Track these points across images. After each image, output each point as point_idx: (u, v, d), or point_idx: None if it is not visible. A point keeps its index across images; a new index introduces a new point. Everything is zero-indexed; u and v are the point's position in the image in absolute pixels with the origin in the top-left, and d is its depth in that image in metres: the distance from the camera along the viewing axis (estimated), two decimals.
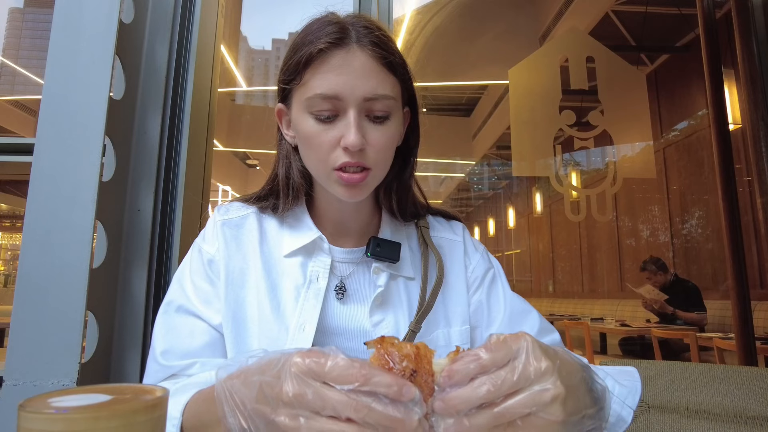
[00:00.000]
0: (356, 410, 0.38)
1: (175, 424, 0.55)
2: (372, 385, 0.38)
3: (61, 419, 0.34)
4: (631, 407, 0.61)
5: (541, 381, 0.40)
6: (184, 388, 0.61)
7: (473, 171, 10.63)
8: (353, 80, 0.64)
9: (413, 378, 0.41)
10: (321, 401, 0.38)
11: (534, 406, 0.40)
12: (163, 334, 0.70)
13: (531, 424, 0.40)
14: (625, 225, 6.37)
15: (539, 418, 0.40)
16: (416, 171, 0.80)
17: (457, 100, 8.33)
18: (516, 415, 0.40)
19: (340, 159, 0.65)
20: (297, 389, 0.39)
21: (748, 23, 2.04)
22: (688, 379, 1.02)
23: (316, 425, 0.38)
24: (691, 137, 5.25)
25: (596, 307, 6.25)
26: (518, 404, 0.40)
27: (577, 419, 0.44)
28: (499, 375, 0.40)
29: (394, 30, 2.90)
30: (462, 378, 0.40)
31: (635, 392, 0.63)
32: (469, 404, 0.39)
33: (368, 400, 0.38)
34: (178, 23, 1.23)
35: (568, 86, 2.84)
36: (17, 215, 13.15)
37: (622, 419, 0.60)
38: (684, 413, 0.99)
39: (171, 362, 0.68)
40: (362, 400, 0.38)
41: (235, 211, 0.77)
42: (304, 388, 0.39)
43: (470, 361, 0.41)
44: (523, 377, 0.40)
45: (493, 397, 0.39)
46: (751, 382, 0.98)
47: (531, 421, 0.40)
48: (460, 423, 0.39)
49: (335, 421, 0.38)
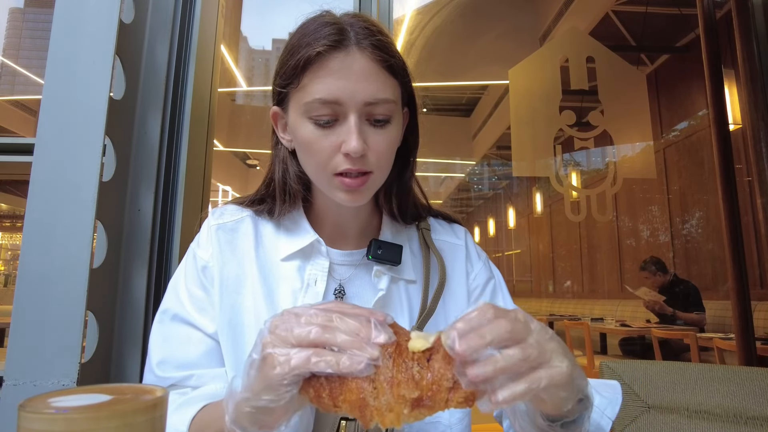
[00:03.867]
0: (323, 325, 0.43)
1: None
2: (340, 307, 0.45)
3: (61, 419, 0.34)
4: (609, 417, 0.63)
5: (541, 332, 0.45)
6: (189, 401, 0.61)
7: (473, 171, 10.63)
8: (353, 84, 0.62)
9: None
10: (302, 316, 0.44)
11: (542, 352, 0.43)
12: (159, 344, 0.69)
13: (546, 377, 0.43)
14: (625, 225, 6.37)
15: (552, 369, 0.43)
16: (416, 171, 0.79)
17: (457, 100, 8.33)
18: (530, 356, 0.43)
19: (341, 165, 0.63)
20: (269, 330, 0.45)
21: (749, 23, 2.03)
22: (688, 380, 1.02)
23: (294, 329, 0.43)
24: (691, 137, 5.24)
25: (596, 307, 6.26)
26: (530, 347, 0.43)
27: (581, 379, 0.47)
28: (508, 324, 0.44)
29: (394, 30, 2.90)
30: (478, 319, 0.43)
31: (615, 403, 0.64)
32: (488, 336, 0.42)
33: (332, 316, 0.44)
34: (179, 23, 1.23)
35: (568, 86, 2.84)
36: (17, 215, 13.16)
37: (601, 428, 0.61)
38: (684, 413, 0.99)
39: (167, 373, 0.67)
40: (326, 316, 0.44)
41: (230, 214, 0.76)
42: (275, 328, 0.44)
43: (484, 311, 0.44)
44: (527, 329, 0.44)
45: (508, 341, 0.43)
46: (751, 383, 0.98)
47: (546, 373, 0.43)
48: (486, 362, 0.41)
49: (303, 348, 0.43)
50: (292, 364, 0.42)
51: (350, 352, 0.42)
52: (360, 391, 0.41)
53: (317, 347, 0.43)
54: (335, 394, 0.42)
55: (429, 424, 0.70)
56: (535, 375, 0.43)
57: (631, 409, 1.03)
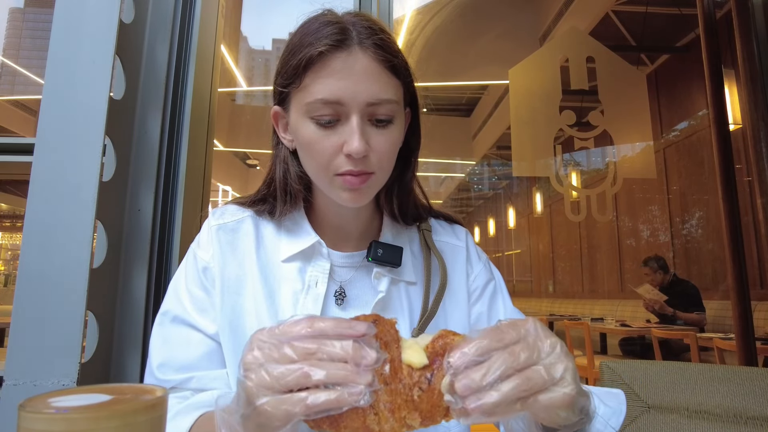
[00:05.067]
0: (308, 349, 0.41)
1: None
2: (317, 329, 0.42)
3: (61, 419, 0.34)
4: (614, 428, 0.61)
5: (552, 355, 0.43)
6: (187, 408, 0.61)
7: (473, 171, 10.63)
8: (355, 85, 0.61)
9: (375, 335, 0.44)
10: (277, 351, 0.41)
11: (549, 378, 0.42)
12: (159, 346, 0.68)
13: (546, 400, 0.42)
14: (625, 225, 6.37)
15: (554, 393, 0.42)
16: (417, 172, 0.79)
17: (457, 100, 8.33)
18: (534, 386, 0.41)
19: (343, 166, 0.63)
20: (256, 346, 0.42)
21: (749, 23, 2.03)
22: (688, 380, 1.02)
23: (274, 371, 0.40)
24: (691, 137, 5.25)
25: (596, 307, 6.26)
26: (536, 374, 0.41)
27: (584, 399, 0.46)
28: (514, 350, 0.42)
29: (395, 30, 2.90)
30: (474, 354, 0.41)
31: (619, 414, 0.63)
32: (489, 375, 0.40)
33: (320, 343, 0.41)
34: (179, 23, 1.23)
35: (568, 86, 2.84)
36: (17, 215, 13.16)
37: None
38: (684, 413, 0.99)
39: (168, 376, 0.66)
40: (313, 343, 0.41)
41: (230, 215, 0.75)
42: (262, 344, 0.42)
43: (482, 339, 0.42)
44: (536, 351, 0.42)
45: (511, 370, 0.41)
46: (751, 383, 0.98)
47: (546, 397, 0.42)
48: (483, 395, 0.40)
49: (292, 364, 0.40)
50: (290, 414, 0.39)
51: (345, 387, 0.39)
52: (362, 419, 0.41)
53: (307, 388, 0.40)
54: (336, 424, 0.41)
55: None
56: (533, 398, 0.41)
57: (631, 409, 1.02)
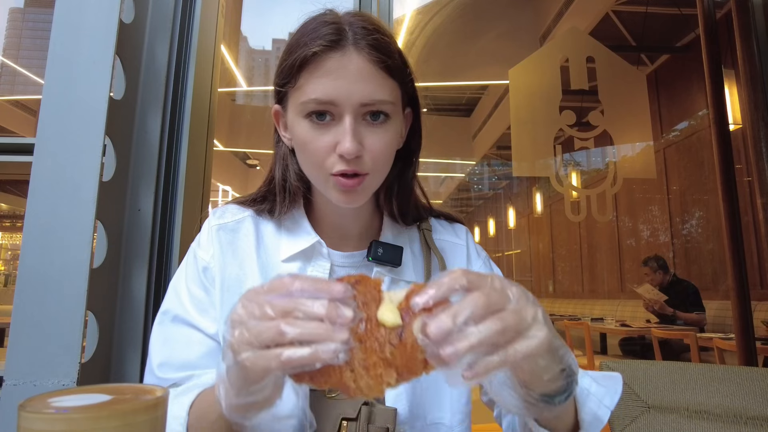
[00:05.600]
0: (286, 307, 0.42)
1: (181, 423, 0.55)
2: (297, 288, 0.42)
3: (61, 419, 0.34)
4: (608, 407, 0.61)
5: (520, 301, 0.43)
6: (187, 389, 0.61)
7: (473, 171, 10.63)
8: (349, 85, 0.61)
9: (354, 286, 0.44)
10: (258, 309, 0.42)
11: (521, 321, 0.42)
12: (160, 345, 0.68)
13: (524, 348, 0.41)
14: (625, 225, 6.37)
15: (530, 339, 0.42)
16: (417, 172, 0.79)
17: (457, 100, 8.32)
18: (508, 328, 0.41)
19: (336, 166, 0.63)
20: (241, 304, 0.44)
21: (749, 23, 2.04)
22: (688, 380, 1.02)
23: (253, 328, 0.42)
24: (691, 137, 5.25)
25: (596, 308, 6.26)
26: (509, 316, 0.41)
27: (559, 342, 0.46)
28: (483, 291, 0.42)
29: (395, 30, 2.90)
30: (438, 291, 0.42)
31: (614, 393, 0.63)
32: (460, 315, 0.40)
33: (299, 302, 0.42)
34: (179, 23, 1.23)
35: (568, 86, 2.84)
36: (17, 215, 13.15)
37: (599, 418, 0.60)
38: (684, 413, 0.99)
39: (168, 375, 0.66)
40: (293, 300, 0.42)
41: (230, 214, 0.75)
42: (247, 302, 0.43)
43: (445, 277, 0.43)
44: (504, 297, 0.42)
45: (482, 311, 0.41)
46: (751, 383, 0.98)
47: (523, 345, 0.41)
48: (457, 339, 0.40)
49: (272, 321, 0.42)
50: (268, 368, 0.41)
51: (320, 345, 0.40)
52: (339, 376, 0.42)
53: (284, 344, 0.41)
54: (316, 380, 0.43)
55: (431, 426, 0.71)
56: (511, 348, 0.41)
57: (631, 409, 1.03)
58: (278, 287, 0.43)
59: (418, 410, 0.70)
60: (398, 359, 0.41)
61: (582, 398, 0.61)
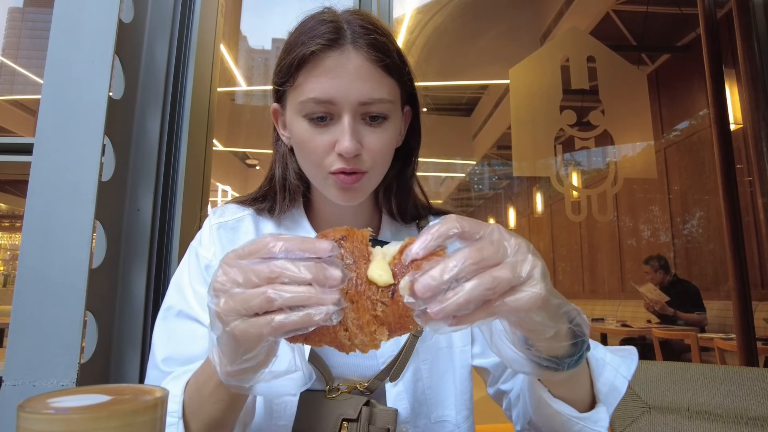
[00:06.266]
0: (272, 272, 0.40)
1: (177, 402, 0.55)
2: (281, 249, 0.40)
3: (60, 419, 0.34)
4: (625, 376, 0.60)
5: (518, 254, 0.40)
6: (184, 373, 0.61)
7: (474, 171, 10.63)
8: (347, 84, 0.61)
9: (341, 243, 0.43)
10: (242, 275, 0.40)
11: (514, 277, 0.39)
12: (164, 340, 0.69)
13: (513, 302, 0.39)
14: (626, 225, 6.36)
15: (521, 294, 0.39)
16: (417, 171, 0.79)
17: (457, 99, 8.32)
18: (500, 285, 0.38)
19: (335, 164, 0.64)
20: (222, 270, 0.42)
21: (750, 23, 2.03)
22: (689, 380, 1.01)
23: (239, 296, 0.40)
24: (692, 137, 5.24)
25: (597, 308, 6.25)
26: (501, 272, 0.39)
27: (560, 301, 0.44)
28: (475, 245, 0.40)
29: (394, 29, 2.90)
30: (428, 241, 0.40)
31: (630, 363, 0.62)
32: (448, 271, 0.38)
33: (284, 264, 0.40)
34: (178, 23, 1.23)
35: (568, 86, 2.83)
36: (17, 215, 13.15)
37: (616, 388, 0.59)
38: (685, 414, 0.99)
39: (173, 368, 0.67)
40: (278, 263, 0.40)
41: (230, 213, 0.76)
42: (228, 268, 0.41)
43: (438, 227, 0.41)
44: (500, 249, 0.40)
45: (473, 267, 0.38)
46: (752, 383, 0.98)
47: (513, 299, 0.39)
48: (444, 297, 0.38)
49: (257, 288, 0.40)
50: (260, 335, 0.40)
51: (312, 309, 0.39)
52: (333, 335, 0.42)
53: (273, 311, 0.40)
54: (310, 339, 0.43)
55: (436, 424, 0.70)
56: (502, 302, 0.39)
57: (631, 409, 1.02)
58: (260, 248, 0.41)
59: (421, 409, 0.70)
60: (390, 317, 0.41)
61: (598, 368, 0.60)
